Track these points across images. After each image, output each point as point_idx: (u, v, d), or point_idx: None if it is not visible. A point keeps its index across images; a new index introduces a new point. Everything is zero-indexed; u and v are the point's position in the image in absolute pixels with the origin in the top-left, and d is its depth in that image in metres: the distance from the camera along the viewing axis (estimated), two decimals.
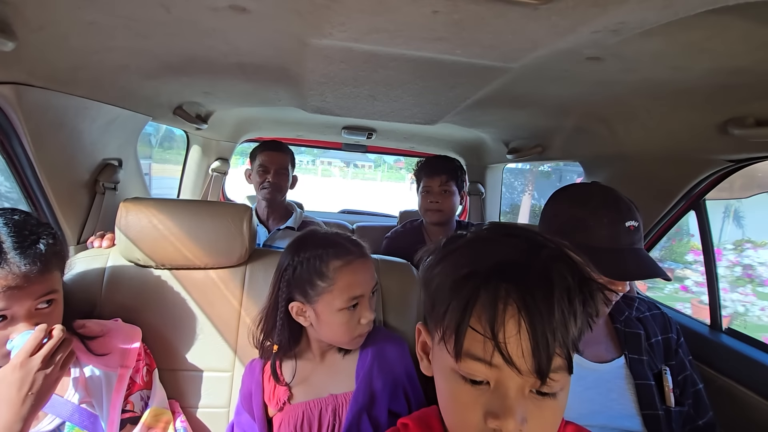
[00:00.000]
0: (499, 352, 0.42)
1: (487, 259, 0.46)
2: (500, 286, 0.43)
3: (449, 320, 0.45)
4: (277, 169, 1.76)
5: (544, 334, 0.42)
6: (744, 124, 0.87)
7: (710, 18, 0.57)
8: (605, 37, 0.65)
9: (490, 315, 0.43)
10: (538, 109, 1.28)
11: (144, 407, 0.95)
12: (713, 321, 1.30)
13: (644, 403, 0.91)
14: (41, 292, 0.77)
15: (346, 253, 0.86)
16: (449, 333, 0.45)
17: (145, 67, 1.06)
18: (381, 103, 1.30)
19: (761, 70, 0.73)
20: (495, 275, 0.44)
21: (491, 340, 0.42)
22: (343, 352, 0.93)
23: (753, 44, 0.64)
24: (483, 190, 2.56)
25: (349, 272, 0.85)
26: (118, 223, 1.04)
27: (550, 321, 0.42)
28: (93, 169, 1.30)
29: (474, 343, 0.44)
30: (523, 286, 0.43)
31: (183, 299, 1.09)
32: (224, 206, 1.15)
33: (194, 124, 1.64)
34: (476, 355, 0.44)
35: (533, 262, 0.45)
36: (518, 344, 0.42)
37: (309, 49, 0.83)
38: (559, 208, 0.96)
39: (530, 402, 0.44)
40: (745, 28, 0.60)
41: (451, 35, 0.68)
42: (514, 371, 0.43)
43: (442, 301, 0.47)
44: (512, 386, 0.44)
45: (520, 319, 0.42)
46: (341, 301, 0.84)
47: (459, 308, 0.44)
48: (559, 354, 0.43)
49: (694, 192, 1.27)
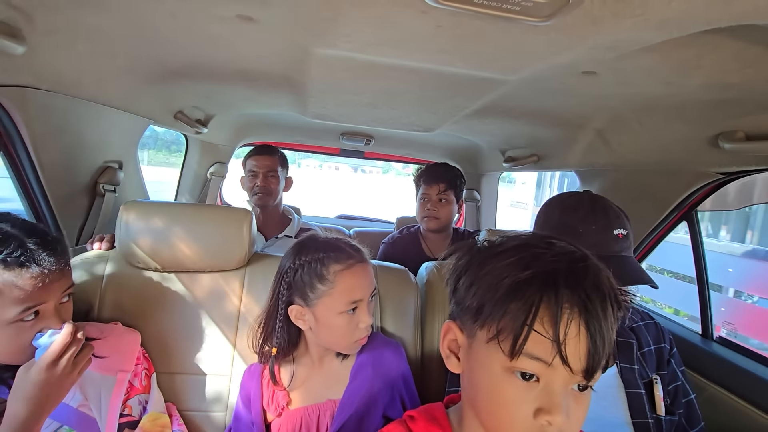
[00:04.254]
0: (559, 353, 0.44)
1: (544, 264, 0.47)
2: (562, 291, 0.45)
3: (508, 322, 0.46)
4: (266, 173, 1.73)
5: (601, 337, 0.45)
6: (734, 138, 0.89)
7: (703, 37, 0.60)
8: (601, 54, 0.68)
9: (554, 318, 0.45)
10: (534, 119, 1.31)
11: (142, 411, 0.94)
12: (704, 329, 1.33)
13: (634, 412, 0.92)
14: (65, 286, 0.81)
15: (347, 257, 0.87)
16: (506, 333, 0.46)
17: (149, 72, 1.08)
18: (380, 111, 1.32)
19: (750, 87, 0.75)
20: (557, 280, 0.46)
21: (554, 342, 0.44)
22: (341, 357, 0.93)
23: (743, 62, 0.67)
24: (479, 197, 2.58)
25: (350, 276, 0.85)
26: (118, 226, 1.05)
27: (605, 325, 0.45)
28: (94, 171, 1.31)
29: (534, 345, 0.45)
30: (582, 292, 0.45)
31: (182, 302, 1.09)
32: (225, 210, 1.16)
33: (194, 128, 1.65)
34: (536, 356, 0.45)
35: (585, 270, 0.47)
36: (576, 346, 0.45)
37: (313, 58, 0.85)
38: (551, 215, 0.99)
39: (571, 397, 0.47)
40: (736, 47, 0.62)
41: (453, 48, 0.70)
42: (567, 370, 0.45)
43: (498, 302, 0.47)
44: (560, 383, 0.46)
45: (580, 322, 0.45)
46: (341, 305, 0.84)
47: (523, 310, 0.45)
48: (606, 355, 0.46)
49: (687, 203, 1.30)
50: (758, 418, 1.03)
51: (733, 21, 0.51)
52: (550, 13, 0.52)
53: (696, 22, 0.52)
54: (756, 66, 0.67)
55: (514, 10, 0.52)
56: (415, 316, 1.10)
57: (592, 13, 0.53)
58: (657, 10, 0.50)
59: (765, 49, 0.62)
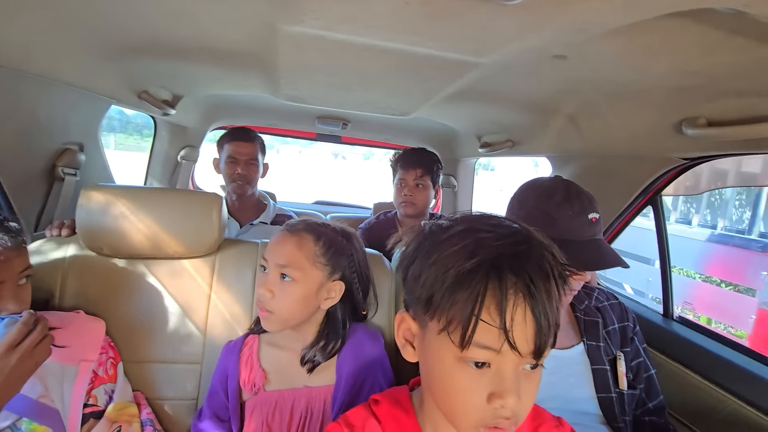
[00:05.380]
0: (507, 340, 0.45)
1: (488, 251, 0.47)
2: (506, 277, 0.46)
3: (456, 313, 0.47)
4: (246, 161, 1.68)
5: (546, 319, 0.46)
6: (697, 124, 0.92)
7: (667, 22, 0.60)
8: (570, 36, 0.68)
9: (501, 306, 0.45)
10: (508, 104, 1.31)
11: (108, 401, 0.92)
12: (665, 310, 1.39)
13: (599, 387, 0.96)
14: (22, 266, 0.79)
15: (286, 225, 0.92)
16: (455, 324, 0.47)
17: (107, 47, 1.02)
18: (354, 94, 1.30)
19: (712, 73, 0.77)
20: (501, 266, 0.46)
21: (501, 329, 0.45)
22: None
23: (704, 48, 0.68)
24: (455, 183, 2.60)
25: (274, 237, 0.90)
26: (78, 211, 1.00)
27: (549, 307, 0.46)
28: (51, 153, 1.24)
29: (483, 334, 0.46)
30: (526, 276, 0.46)
31: (149, 290, 1.06)
32: (193, 194, 1.12)
33: (161, 109, 1.58)
34: (485, 345, 0.46)
35: (529, 252, 0.48)
36: (523, 331, 0.46)
37: (280, 35, 0.82)
38: (525, 201, 1.00)
39: (522, 377, 0.48)
40: (698, 32, 0.63)
41: (422, 27, 0.69)
42: (516, 354, 0.46)
43: (446, 293, 0.48)
44: (511, 367, 0.47)
45: (525, 307, 0.46)
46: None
47: (470, 301, 0.46)
48: (552, 334, 0.48)
49: (652, 188, 1.34)
50: (712, 392, 1.09)
51: (694, 5, 0.51)
52: None
53: (659, 4, 0.52)
54: (716, 52, 0.69)
55: None
56: (390, 301, 1.11)
57: None
58: None
59: (725, 36, 0.63)
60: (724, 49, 0.67)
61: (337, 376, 0.90)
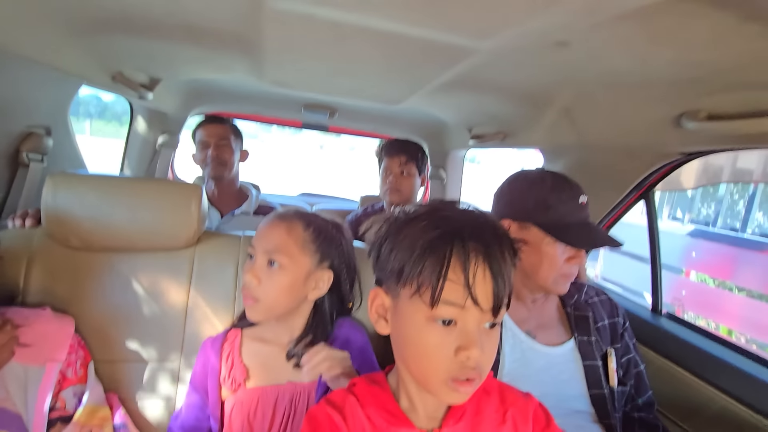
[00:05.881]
0: (470, 295, 0.52)
1: (451, 223, 0.55)
2: (468, 242, 0.53)
3: (426, 276, 0.53)
4: (217, 142, 1.66)
5: (501, 278, 0.53)
6: (697, 117, 0.90)
7: (679, 5, 0.57)
8: (578, 19, 0.64)
9: (465, 265, 0.52)
10: (501, 95, 1.28)
11: (78, 404, 0.86)
12: (654, 305, 1.39)
13: (591, 383, 0.95)
14: None
15: (275, 213, 0.90)
16: (426, 286, 0.53)
17: (75, 20, 0.93)
18: (343, 80, 1.24)
19: (716, 64, 0.75)
20: (462, 233, 0.53)
21: (466, 286, 0.52)
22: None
23: (714, 35, 0.65)
24: (444, 175, 2.57)
25: (262, 223, 0.89)
26: (44, 201, 0.93)
27: (504, 267, 0.54)
28: (14, 137, 1.15)
29: (449, 291, 0.52)
30: (484, 242, 0.54)
31: (123, 285, 1.00)
32: (171, 184, 1.06)
33: (138, 92, 1.49)
34: (452, 301, 0.52)
35: (484, 224, 0.56)
36: (483, 288, 0.53)
37: (266, 13, 0.76)
38: (517, 190, 1.01)
39: (484, 334, 0.55)
40: (710, 17, 0.60)
41: (420, 5, 0.64)
42: (478, 309, 0.53)
43: (416, 260, 0.54)
44: (474, 322, 0.54)
45: (485, 267, 0.53)
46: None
47: (437, 263, 0.52)
48: (508, 293, 0.55)
49: (646, 183, 1.33)
50: (701, 388, 1.09)
51: None
52: None
53: None
54: (727, 40, 0.66)
55: None
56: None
57: None
58: None
59: (738, 22, 0.60)
60: (736, 37, 0.63)
61: None
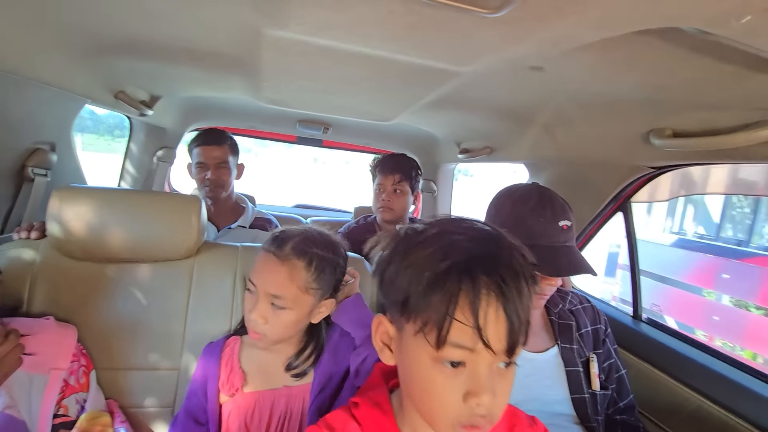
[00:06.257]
0: (480, 338, 0.46)
1: (461, 252, 0.49)
2: (479, 278, 0.47)
3: (432, 313, 0.48)
4: (216, 165, 1.63)
5: (518, 317, 0.47)
6: (663, 134, 0.97)
7: (636, 39, 0.64)
8: (547, 49, 0.71)
9: (474, 306, 0.46)
10: (486, 112, 1.35)
11: (80, 411, 0.89)
12: (635, 311, 1.45)
13: (573, 388, 0.99)
14: None
15: (273, 243, 0.88)
16: (431, 325, 0.48)
17: (84, 46, 0.99)
18: (337, 98, 1.31)
19: (676, 88, 0.82)
20: (473, 268, 0.47)
21: (475, 328, 0.46)
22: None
23: (669, 64, 0.73)
24: (435, 188, 2.63)
25: (260, 258, 0.88)
26: (49, 213, 0.97)
27: (520, 305, 0.48)
28: (21, 153, 1.19)
29: (457, 333, 0.47)
30: (497, 276, 0.47)
31: (124, 295, 1.03)
32: (172, 196, 1.10)
33: (138, 109, 1.55)
34: (460, 344, 0.47)
35: (500, 253, 0.49)
36: (496, 329, 0.47)
37: (264, 39, 0.82)
38: (501, 206, 1.03)
39: (497, 375, 0.49)
40: (664, 48, 0.67)
41: (406, 36, 0.70)
42: (490, 353, 0.47)
43: (421, 294, 0.49)
44: (485, 365, 0.48)
45: (497, 306, 0.47)
46: (248, 277, 0.89)
47: (444, 302, 0.47)
48: (524, 332, 0.49)
49: (622, 195, 1.40)
50: (677, 389, 1.14)
51: (660, 23, 0.55)
52: (498, 5, 0.54)
53: (629, 21, 0.56)
54: (680, 68, 0.73)
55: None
56: (371, 303, 1.11)
57: (538, 9, 0.55)
58: (595, 8, 0.53)
59: (688, 52, 0.67)
60: (688, 66, 0.71)
61: (314, 374, 0.91)
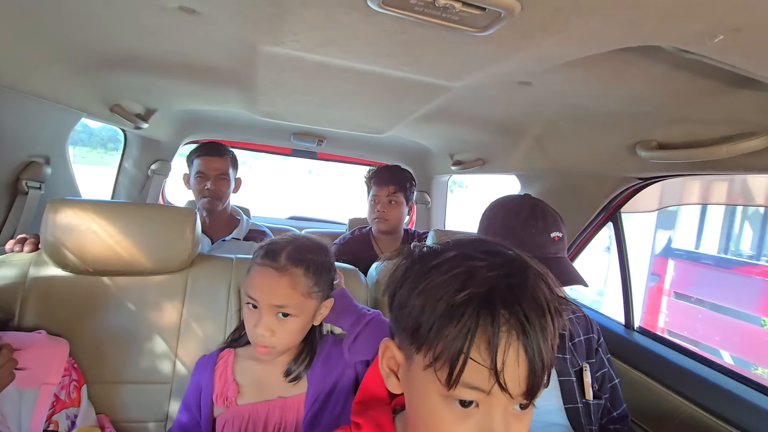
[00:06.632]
0: (497, 382, 0.42)
1: (481, 282, 0.44)
2: (499, 312, 0.42)
3: (444, 349, 0.43)
4: (216, 176, 1.63)
5: (540, 359, 0.43)
6: (649, 146, 0.99)
7: (619, 56, 0.67)
8: (534, 65, 0.73)
9: (492, 345, 0.42)
10: (478, 125, 1.37)
11: (71, 426, 0.88)
12: (627, 321, 1.46)
13: (566, 398, 0.99)
14: None
15: (267, 255, 0.87)
16: (443, 361, 0.43)
17: (79, 61, 1.00)
18: (331, 112, 1.33)
19: (659, 102, 0.85)
20: (493, 300, 0.43)
21: (492, 370, 0.42)
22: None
23: (651, 79, 0.76)
24: (429, 199, 2.66)
25: (256, 273, 0.87)
26: (44, 225, 0.97)
27: (544, 345, 0.43)
28: (15, 166, 1.19)
29: (472, 374, 0.43)
30: (520, 311, 0.43)
31: (118, 307, 1.03)
32: (166, 209, 1.10)
33: (133, 122, 1.56)
34: (474, 385, 0.43)
35: (524, 284, 0.45)
36: (515, 372, 0.43)
37: (260, 55, 0.84)
38: (493, 218, 1.04)
39: (512, 418, 0.45)
40: (646, 65, 0.70)
41: (398, 53, 0.73)
42: (507, 396, 0.43)
43: (433, 326, 0.44)
44: (500, 408, 0.44)
45: (518, 347, 0.42)
46: (244, 293, 0.88)
47: (459, 337, 0.42)
48: (546, 375, 0.45)
49: (611, 205, 1.43)
50: (669, 398, 1.15)
51: (640, 41, 0.58)
52: (485, 24, 0.56)
53: (610, 40, 0.58)
54: (662, 83, 0.76)
55: (453, 19, 0.55)
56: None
57: (524, 28, 0.58)
58: (577, 27, 0.55)
59: (669, 69, 0.70)
60: (669, 81, 0.74)
61: (308, 383, 0.91)
